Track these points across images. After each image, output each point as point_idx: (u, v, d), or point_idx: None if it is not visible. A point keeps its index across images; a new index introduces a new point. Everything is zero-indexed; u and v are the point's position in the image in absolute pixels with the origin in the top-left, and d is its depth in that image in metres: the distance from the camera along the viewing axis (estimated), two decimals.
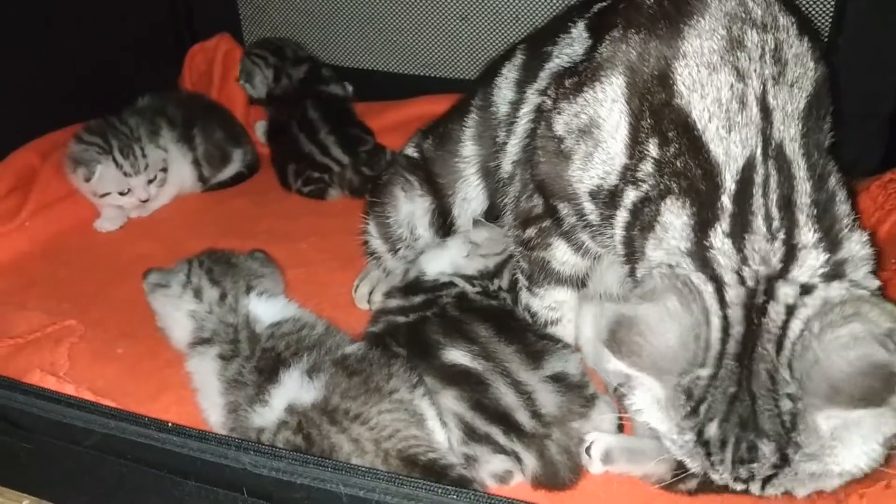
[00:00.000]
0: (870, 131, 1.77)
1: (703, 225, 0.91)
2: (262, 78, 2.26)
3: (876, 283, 0.90)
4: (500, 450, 1.11)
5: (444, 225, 1.49)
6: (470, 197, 1.46)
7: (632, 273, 1.02)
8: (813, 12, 1.81)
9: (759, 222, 0.89)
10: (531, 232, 1.25)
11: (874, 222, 1.54)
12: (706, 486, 1.08)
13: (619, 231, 1.03)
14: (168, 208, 2.06)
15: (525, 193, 1.25)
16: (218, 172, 2.14)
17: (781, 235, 0.88)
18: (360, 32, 2.34)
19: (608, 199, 1.05)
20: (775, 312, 0.86)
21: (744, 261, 0.88)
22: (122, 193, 1.92)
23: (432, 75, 2.29)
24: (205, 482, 0.98)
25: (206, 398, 1.24)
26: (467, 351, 1.17)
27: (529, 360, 1.17)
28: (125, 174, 1.89)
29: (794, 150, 0.93)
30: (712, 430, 0.87)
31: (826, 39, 1.76)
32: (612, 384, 1.24)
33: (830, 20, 1.81)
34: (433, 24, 2.25)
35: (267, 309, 1.31)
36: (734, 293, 0.88)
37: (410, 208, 1.52)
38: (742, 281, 0.88)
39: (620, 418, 1.18)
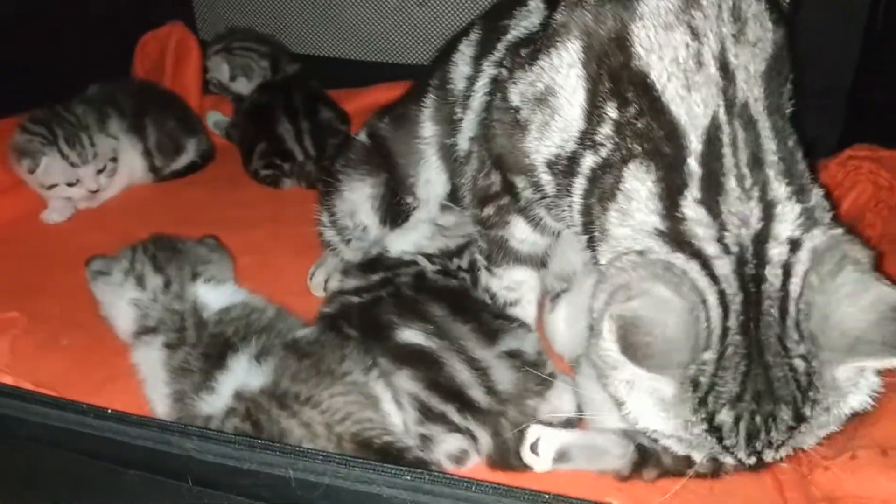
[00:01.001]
0: (828, 109, 1.78)
1: (671, 193, 0.88)
2: (259, 70, 2.21)
3: (841, 228, 0.90)
4: (455, 428, 1.08)
5: (395, 207, 1.47)
6: (433, 179, 1.43)
7: (590, 243, 0.99)
8: None
9: (731, 184, 0.87)
10: (489, 210, 1.23)
11: (835, 201, 1.54)
12: (666, 473, 1.07)
13: (576, 199, 1.00)
14: (118, 199, 2.00)
15: (482, 171, 1.22)
16: (171, 162, 2.08)
17: (756, 193, 0.86)
18: (317, 19, 2.30)
19: (566, 167, 1.02)
20: (772, 275, 0.84)
21: (723, 227, 0.86)
22: (70, 184, 1.86)
23: (391, 62, 2.26)
24: (147, 470, 0.93)
25: (153, 388, 1.19)
26: (421, 330, 1.15)
27: (485, 338, 1.15)
28: (72, 164, 1.83)
29: (758, 110, 0.91)
30: (723, 414, 0.84)
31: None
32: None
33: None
34: (391, 10, 2.22)
35: (215, 296, 1.27)
36: (722, 264, 0.85)
37: (351, 196, 1.50)
38: (727, 249, 0.85)
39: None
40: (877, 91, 1.77)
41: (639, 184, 0.91)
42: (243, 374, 1.08)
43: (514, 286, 1.28)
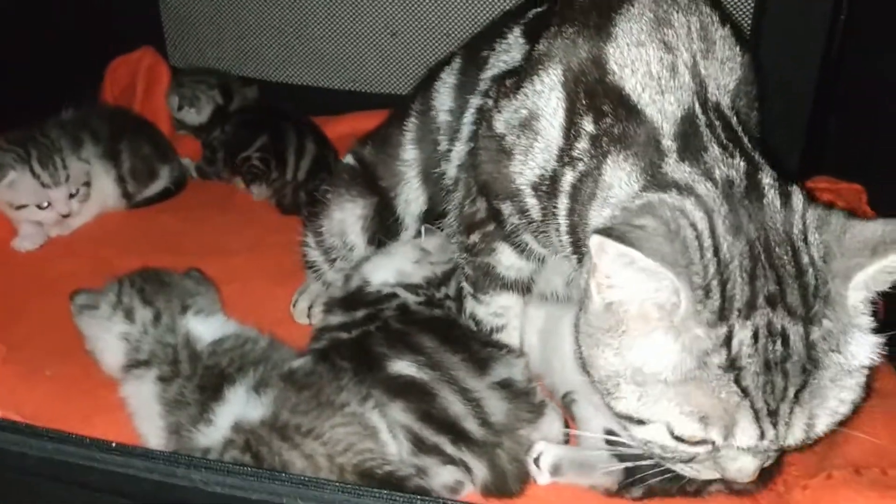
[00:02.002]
0: (786, 141, 1.84)
1: (651, 164, 0.93)
2: (207, 99, 2.24)
3: None
4: (449, 460, 1.10)
5: (383, 228, 1.50)
6: (411, 199, 1.47)
7: (580, 263, 1.03)
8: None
9: (713, 148, 0.92)
10: (475, 237, 1.26)
11: None
12: (651, 493, 1.11)
13: (562, 221, 1.05)
14: (90, 226, 1.98)
15: (469, 198, 1.26)
16: (144, 189, 2.07)
17: (738, 153, 0.91)
18: (290, 47, 2.31)
19: (549, 187, 1.06)
20: (770, 196, 0.87)
21: (709, 171, 0.90)
22: (40, 207, 1.84)
23: (364, 90, 2.29)
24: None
25: (145, 422, 1.20)
26: (413, 361, 1.16)
27: (476, 367, 1.17)
28: (43, 185, 1.81)
29: (730, 115, 0.97)
30: (741, 328, 0.81)
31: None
32: (559, 392, 1.26)
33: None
34: (363, 40, 2.25)
35: (206, 327, 1.28)
36: (708, 188, 0.88)
37: (340, 216, 1.53)
38: (713, 179, 0.89)
39: (567, 430, 1.19)
40: (833, 123, 1.85)
41: (618, 170, 0.96)
42: (241, 406, 1.09)
43: (501, 312, 1.31)
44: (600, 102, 0.99)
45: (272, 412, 1.07)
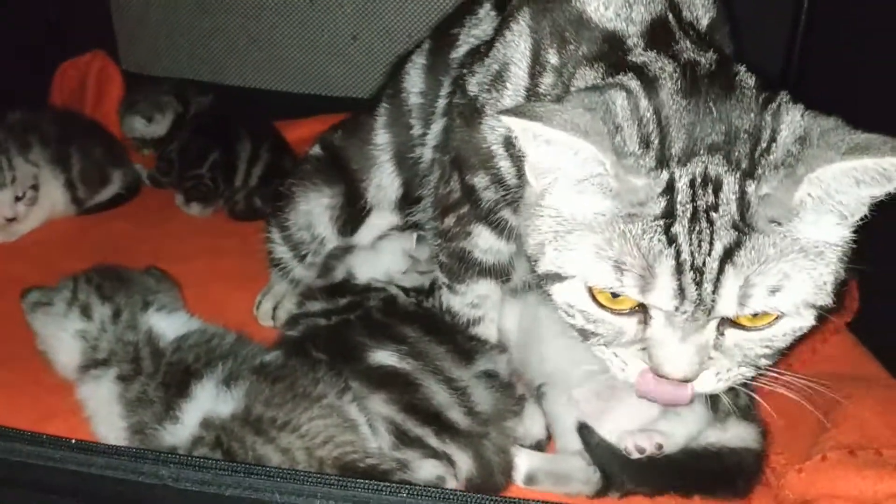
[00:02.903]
0: None
1: (617, 60, 0.91)
2: (166, 106, 2.17)
3: None
4: (432, 453, 1.06)
5: (351, 218, 1.45)
6: (385, 184, 1.42)
7: None
8: None
9: (685, 42, 0.90)
10: (450, 221, 1.21)
11: None
12: (629, 494, 1.09)
13: None
14: (38, 232, 1.89)
15: (443, 179, 1.22)
16: (95, 194, 1.99)
17: (713, 51, 0.90)
18: (247, 51, 2.28)
19: None
20: (741, 76, 0.85)
21: (675, 54, 0.88)
22: None
23: (325, 94, 2.25)
24: None
25: (104, 423, 1.13)
26: (394, 351, 1.12)
27: (461, 357, 1.14)
28: None
29: (704, 34, 0.95)
30: (682, 179, 0.78)
31: None
32: (534, 384, 1.22)
33: None
34: (324, 44, 2.22)
35: (169, 324, 1.22)
36: (665, 64, 0.86)
37: (306, 207, 1.48)
38: (676, 59, 0.87)
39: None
40: None
41: (586, 76, 0.93)
42: (210, 401, 1.03)
43: (477, 302, 1.27)
44: (562, 30, 0.97)
45: (244, 406, 1.01)
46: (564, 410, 1.14)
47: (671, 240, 0.77)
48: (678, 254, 0.77)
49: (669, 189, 0.78)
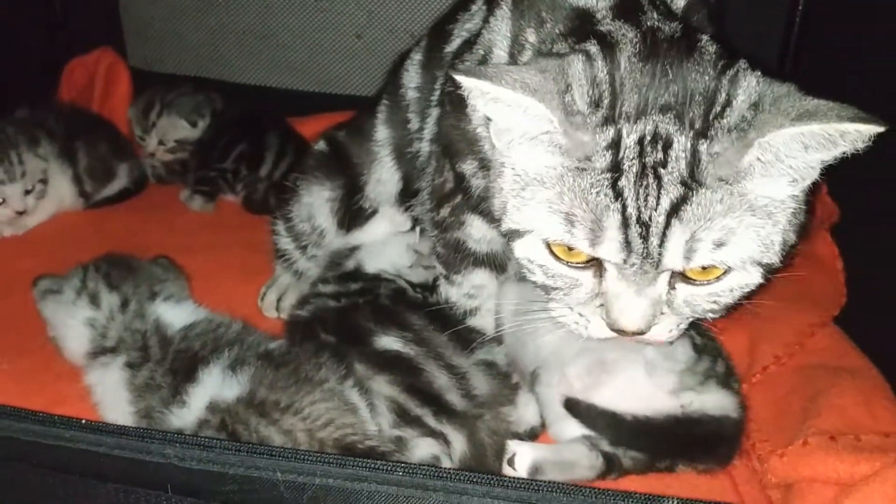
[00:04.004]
0: None
1: (584, 32, 0.92)
2: (207, 104, 2.16)
3: None
4: (429, 432, 1.09)
5: (353, 210, 1.48)
6: (385, 178, 1.46)
7: None
8: None
9: (652, 13, 0.92)
10: (445, 211, 1.24)
11: None
12: (626, 473, 1.12)
13: None
14: (47, 225, 1.93)
15: (438, 169, 1.25)
16: (102, 188, 2.03)
17: (679, 23, 0.92)
18: (253, 48, 2.30)
19: None
20: (704, 43, 0.87)
21: (639, 22, 0.90)
22: None
23: (329, 92, 2.28)
24: (125, 482, 0.91)
25: (113, 409, 1.16)
26: (399, 337, 1.16)
27: (462, 346, 1.17)
28: None
29: (675, 12, 0.98)
30: (631, 135, 0.81)
31: None
32: (528, 371, 1.25)
33: None
34: (328, 41, 2.25)
35: (177, 313, 1.25)
36: (626, 30, 0.88)
37: (308, 199, 1.52)
38: (638, 27, 0.89)
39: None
40: None
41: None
42: (217, 386, 1.07)
43: (473, 292, 1.29)
44: (539, 11, 1.00)
45: (249, 390, 1.05)
46: (556, 393, 1.16)
47: (618, 194, 0.80)
48: (624, 207, 0.81)
49: (615, 145, 0.82)
